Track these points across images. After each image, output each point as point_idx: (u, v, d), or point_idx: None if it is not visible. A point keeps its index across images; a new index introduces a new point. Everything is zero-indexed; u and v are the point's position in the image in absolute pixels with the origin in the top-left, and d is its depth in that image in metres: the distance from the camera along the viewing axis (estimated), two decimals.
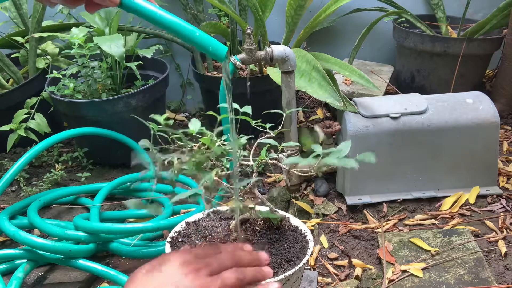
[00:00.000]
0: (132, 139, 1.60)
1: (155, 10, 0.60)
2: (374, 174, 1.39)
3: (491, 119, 1.37)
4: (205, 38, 0.63)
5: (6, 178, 1.33)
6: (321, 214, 1.37)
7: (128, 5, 0.59)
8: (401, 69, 2.07)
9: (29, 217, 1.24)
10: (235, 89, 1.30)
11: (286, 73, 1.33)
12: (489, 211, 1.35)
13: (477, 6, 2.07)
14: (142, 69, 1.79)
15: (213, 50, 0.63)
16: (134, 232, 1.20)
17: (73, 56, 1.70)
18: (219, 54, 0.64)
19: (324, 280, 1.13)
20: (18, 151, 1.79)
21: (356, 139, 1.34)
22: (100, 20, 1.68)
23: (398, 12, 1.97)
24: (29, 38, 1.76)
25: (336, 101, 1.31)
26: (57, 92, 1.63)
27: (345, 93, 1.68)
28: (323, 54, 1.50)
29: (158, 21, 0.61)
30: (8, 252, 1.19)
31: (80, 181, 1.62)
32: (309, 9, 1.88)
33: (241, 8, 1.85)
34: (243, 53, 1.29)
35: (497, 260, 1.16)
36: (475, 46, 1.83)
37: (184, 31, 0.62)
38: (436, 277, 1.08)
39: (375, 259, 1.20)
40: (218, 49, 0.63)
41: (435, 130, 1.36)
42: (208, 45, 0.63)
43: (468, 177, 1.41)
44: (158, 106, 1.72)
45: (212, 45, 0.63)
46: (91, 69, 1.60)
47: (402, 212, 1.36)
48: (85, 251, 1.18)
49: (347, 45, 2.11)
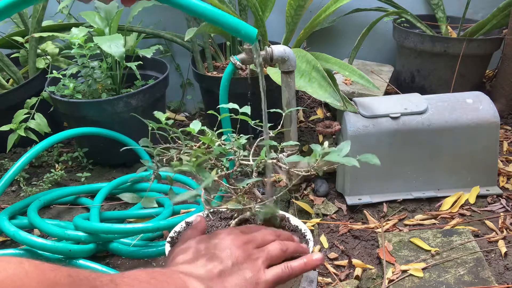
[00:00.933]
0: (132, 139, 1.60)
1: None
2: (374, 174, 1.39)
3: (491, 119, 1.37)
4: (236, 22, 0.67)
5: (6, 178, 1.33)
6: (321, 214, 1.37)
7: None
8: (401, 69, 2.07)
9: (29, 217, 1.24)
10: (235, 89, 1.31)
11: (286, 73, 1.33)
12: (489, 211, 1.35)
13: (477, 6, 2.07)
14: (142, 69, 1.79)
15: (245, 32, 0.67)
16: (134, 232, 1.20)
17: (73, 56, 1.70)
18: (250, 36, 0.68)
19: (324, 280, 1.13)
20: (18, 151, 1.79)
21: (356, 139, 1.34)
22: (100, 20, 1.68)
23: (398, 12, 1.97)
24: (29, 38, 1.76)
25: (336, 101, 1.31)
26: (57, 92, 1.63)
27: (345, 93, 1.68)
28: (323, 54, 1.50)
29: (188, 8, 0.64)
30: (8, 252, 1.19)
31: (80, 181, 1.62)
32: (309, 9, 1.89)
33: (241, 8, 1.85)
34: (243, 53, 1.29)
35: (497, 260, 1.16)
36: (475, 46, 1.83)
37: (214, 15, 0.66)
38: (436, 277, 1.08)
39: (375, 259, 1.20)
40: (249, 31, 0.67)
41: (435, 130, 1.36)
42: (239, 28, 0.67)
43: (468, 177, 1.41)
44: (158, 106, 1.72)
45: (243, 28, 0.67)
46: (91, 69, 1.60)
47: (402, 212, 1.36)
48: (85, 251, 1.18)
49: (347, 45, 2.12)
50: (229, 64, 1.27)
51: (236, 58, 1.27)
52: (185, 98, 2.17)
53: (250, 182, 0.68)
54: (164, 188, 1.48)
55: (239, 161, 0.69)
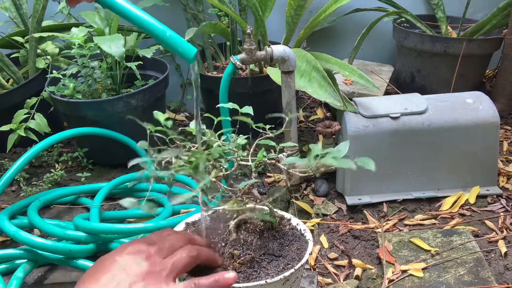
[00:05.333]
0: (132, 139, 1.60)
1: (128, 7, 0.62)
2: (374, 174, 1.39)
3: (491, 119, 1.37)
4: (175, 39, 0.64)
5: (6, 178, 1.33)
6: (321, 214, 1.37)
7: (104, 1, 0.62)
8: (401, 69, 2.07)
9: (29, 217, 1.24)
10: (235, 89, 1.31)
11: (286, 73, 1.33)
12: (489, 211, 1.35)
13: (477, 6, 2.07)
14: (142, 69, 1.79)
15: (182, 51, 0.64)
16: (134, 232, 1.20)
17: (73, 56, 1.70)
18: (187, 56, 0.65)
19: (324, 280, 1.13)
20: (18, 151, 1.79)
21: (356, 139, 1.34)
22: (100, 20, 1.68)
23: (398, 12, 1.97)
24: (29, 38, 1.76)
25: (336, 101, 1.31)
26: (57, 92, 1.63)
27: (345, 93, 1.68)
28: (323, 54, 1.50)
29: (130, 18, 0.63)
30: (8, 252, 1.19)
31: (80, 181, 1.62)
32: (309, 9, 1.89)
33: (241, 8, 1.85)
34: (243, 53, 1.29)
35: (497, 260, 1.16)
36: (475, 46, 1.83)
37: (154, 30, 0.64)
38: (436, 277, 1.08)
39: (375, 259, 1.20)
40: (187, 50, 0.65)
41: (435, 130, 1.36)
42: (177, 46, 0.64)
43: (468, 177, 1.41)
44: (158, 106, 1.72)
45: (181, 46, 0.64)
46: (91, 69, 1.60)
47: (402, 212, 1.36)
48: (85, 251, 1.18)
49: (347, 45, 2.11)
50: (229, 64, 1.28)
51: (236, 58, 1.27)
52: (185, 98, 2.17)
53: (248, 183, 0.68)
54: (163, 188, 1.48)
55: (238, 162, 0.69)
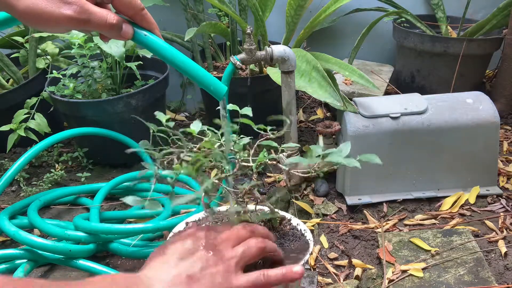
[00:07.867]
0: (132, 139, 1.60)
1: (165, 47, 0.65)
2: (374, 174, 1.39)
3: (491, 119, 1.37)
4: (208, 78, 0.69)
5: (6, 178, 1.33)
6: (321, 214, 1.37)
7: (140, 40, 0.64)
8: (401, 69, 2.07)
9: (29, 217, 1.24)
10: (235, 89, 1.31)
11: (286, 73, 1.33)
12: (489, 211, 1.35)
13: (477, 6, 2.07)
14: (142, 69, 1.78)
15: (214, 89, 0.69)
16: (134, 232, 1.20)
17: (73, 56, 1.70)
18: (219, 94, 0.70)
19: (324, 280, 1.13)
20: (18, 151, 1.79)
21: (356, 139, 1.34)
22: None
23: (398, 12, 1.97)
24: (29, 38, 1.76)
25: (336, 101, 1.31)
26: (57, 92, 1.63)
27: (345, 93, 1.68)
28: (323, 54, 1.50)
29: (168, 58, 0.66)
30: (8, 252, 1.19)
31: (80, 181, 1.62)
32: (309, 9, 1.89)
33: (241, 8, 1.85)
34: (243, 53, 1.29)
35: (497, 260, 1.16)
36: (475, 46, 1.83)
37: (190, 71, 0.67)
38: (436, 277, 1.08)
39: (375, 259, 1.20)
40: (219, 89, 0.70)
41: (435, 130, 1.36)
42: (210, 84, 0.69)
43: (468, 177, 1.41)
44: (158, 106, 1.72)
45: (213, 85, 0.69)
46: (91, 69, 1.60)
47: (402, 212, 1.36)
48: (85, 251, 1.18)
49: (347, 45, 2.11)
50: (229, 64, 1.27)
51: (236, 58, 1.27)
52: (185, 98, 2.17)
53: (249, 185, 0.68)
54: (164, 188, 1.48)
55: (239, 163, 0.69)
